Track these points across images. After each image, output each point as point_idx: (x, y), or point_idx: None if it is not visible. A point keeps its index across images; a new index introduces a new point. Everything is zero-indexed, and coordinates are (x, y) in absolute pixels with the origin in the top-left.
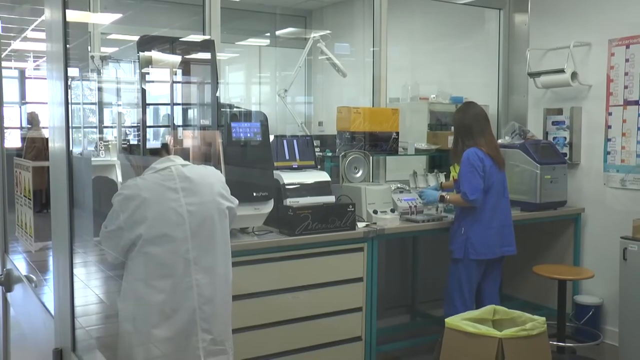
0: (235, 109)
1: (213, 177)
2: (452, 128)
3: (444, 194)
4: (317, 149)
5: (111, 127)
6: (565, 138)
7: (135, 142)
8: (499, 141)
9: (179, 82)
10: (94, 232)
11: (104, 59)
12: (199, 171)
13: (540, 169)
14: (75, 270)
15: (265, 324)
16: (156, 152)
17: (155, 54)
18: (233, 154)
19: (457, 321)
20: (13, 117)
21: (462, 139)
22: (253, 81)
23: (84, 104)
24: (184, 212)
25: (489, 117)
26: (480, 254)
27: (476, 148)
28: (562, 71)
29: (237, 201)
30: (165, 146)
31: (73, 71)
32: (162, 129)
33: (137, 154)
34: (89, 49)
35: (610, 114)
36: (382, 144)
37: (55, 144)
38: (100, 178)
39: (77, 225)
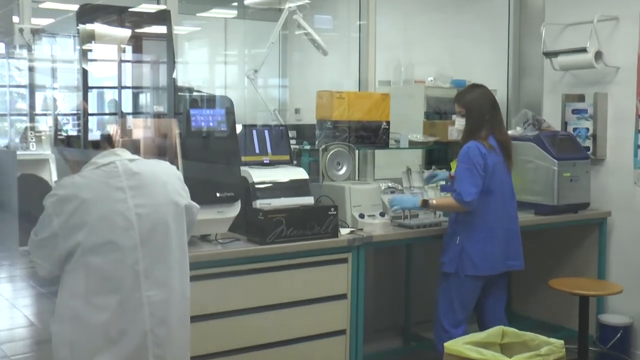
0: (195, 94)
1: (167, 174)
2: (454, 116)
3: (427, 197)
4: (292, 141)
5: (45, 114)
6: (587, 129)
7: (75, 133)
8: (509, 132)
9: (128, 61)
10: (21, 240)
11: (36, 32)
12: (150, 167)
13: (557, 165)
14: None
15: (231, 350)
16: (98, 145)
17: (99, 27)
18: (192, 147)
19: (458, 346)
20: None
21: (473, 127)
22: (217, 60)
23: (10, 86)
24: (131, 216)
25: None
26: (478, 269)
27: (477, 142)
28: (583, 50)
29: (197, 204)
30: (108, 137)
31: None
32: (107, 117)
33: (77, 147)
34: (17, 21)
35: None
36: (370, 135)
37: None
38: (29, 176)
39: None
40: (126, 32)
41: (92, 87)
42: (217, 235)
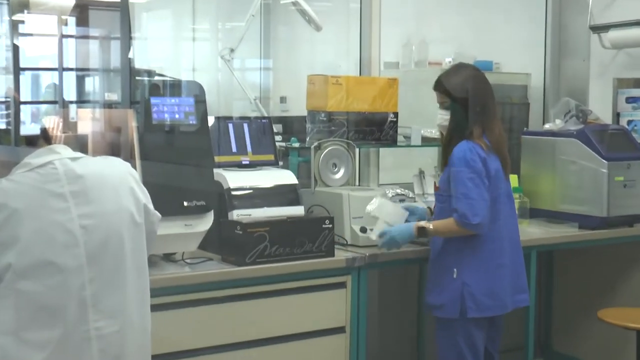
0: (157, 78)
1: (120, 175)
2: (442, 103)
3: (423, 223)
4: (278, 138)
5: None
6: None
7: (3, 126)
8: (546, 126)
9: (71, 36)
10: None
11: None
12: (98, 167)
13: (608, 167)
14: None
15: None
16: (33, 141)
17: None
18: (153, 145)
19: None
20: None
21: (461, 123)
22: (184, 36)
23: None
24: (75, 229)
25: (531, 90)
26: (483, 310)
27: (471, 142)
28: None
29: (157, 213)
30: (45, 132)
31: None
32: (44, 107)
33: (5, 144)
34: None
35: None
36: (373, 130)
37: None
38: None
39: None
40: (69, 1)
41: (25, 69)
42: (185, 254)
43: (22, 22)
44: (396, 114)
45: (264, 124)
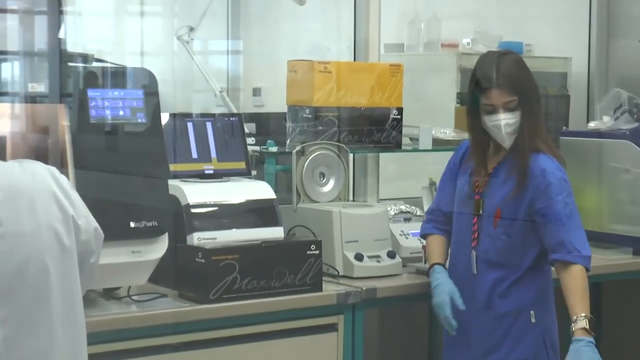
0: (95, 64)
1: (41, 184)
2: (506, 103)
3: (583, 322)
4: (250, 140)
5: None
6: None
7: None
8: (591, 125)
9: None
10: None
11: None
12: (9, 173)
13: None
14: None
15: None
16: None
17: None
18: (91, 149)
19: None
20: None
21: (533, 130)
22: (130, 11)
23: None
24: None
25: (571, 79)
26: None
27: (549, 156)
28: None
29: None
30: None
31: None
32: None
33: None
34: None
35: None
36: (372, 130)
37: None
38: None
39: None
40: None
41: None
42: (131, 289)
43: None
44: (400, 110)
45: (232, 122)
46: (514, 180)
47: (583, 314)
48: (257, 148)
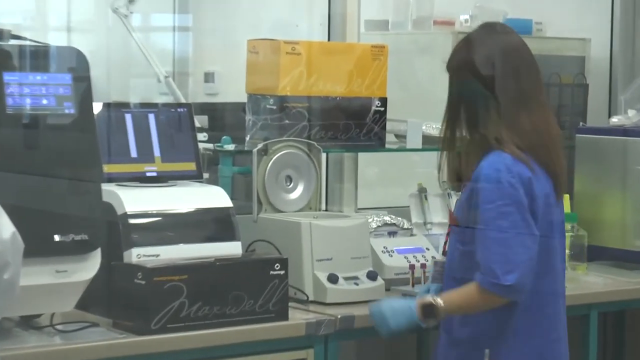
0: (12, 42)
1: None
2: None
3: (429, 297)
4: (202, 136)
5: None
6: None
7: None
8: (614, 120)
9: None
10: None
11: None
12: None
13: None
14: None
15: None
16: None
17: None
18: (6, 146)
19: None
20: None
21: (484, 120)
22: None
23: None
24: None
25: (590, 65)
26: None
27: (504, 153)
28: None
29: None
30: None
31: None
32: None
33: None
34: None
35: None
36: (349, 124)
37: None
38: None
39: None
40: None
41: None
42: (55, 316)
43: None
44: (384, 101)
45: (180, 114)
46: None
47: (432, 301)
48: (210, 146)
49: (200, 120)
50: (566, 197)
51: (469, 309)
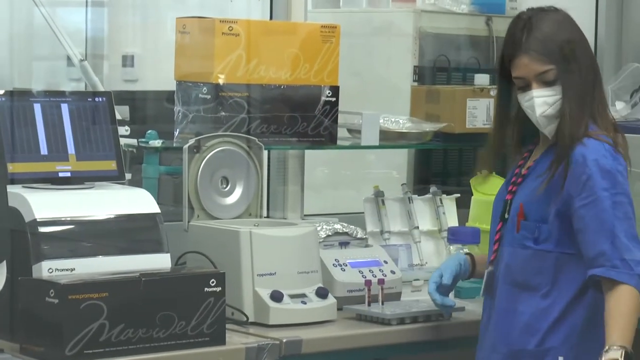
0: None
1: None
2: (540, 75)
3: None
4: (124, 129)
5: None
6: None
7: None
8: None
9: None
10: None
11: None
12: None
13: None
14: None
15: None
16: None
17: None
18: None
19: None
20: None
21: (582, 108)
22: None
23: None
24: None
25: None
26: None
27: (601, 142)
28: None
29: None
30: None
31: None
32: None
33: None
34: None
35: None
36: (295, 117)
37: None
38: None
39: None
40: None
41: None
42: None
43: None
44: (336, 90)
45: (98, 105)
46: (549, 173)
47: (619, 344)
48: (133, 141)
49: (120, 112)
50: None
51: (633, 319)
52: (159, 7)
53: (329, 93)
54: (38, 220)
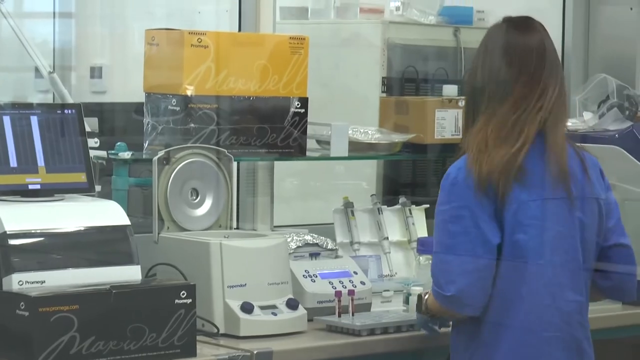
0: None
1: None
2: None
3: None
4: (93, 142)
5: None
6: None
7: None
8: (567, 124)
9: None
10: None
11: None
12: None
13: None
14: None
15: None
16: None
17: None
18: None
19: None
20: None
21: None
22: None
23: None
24: None
25: None
26: None
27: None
28: None
29: None
30: None
31: None
32: None
33: None
34: None
35: None
36: (264, 128)
37: None
38: None
39: None
40: None
41: None
42: None
43: None
44: (305, 101)
45: (67, 117)
46: None
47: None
48: (103, 153)
49: (90, 124)
50: None
51: (438, 312)
52: (127, 18)
53: (297, 104)
54: (8, 232)
